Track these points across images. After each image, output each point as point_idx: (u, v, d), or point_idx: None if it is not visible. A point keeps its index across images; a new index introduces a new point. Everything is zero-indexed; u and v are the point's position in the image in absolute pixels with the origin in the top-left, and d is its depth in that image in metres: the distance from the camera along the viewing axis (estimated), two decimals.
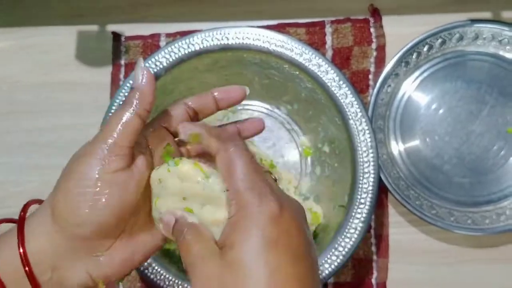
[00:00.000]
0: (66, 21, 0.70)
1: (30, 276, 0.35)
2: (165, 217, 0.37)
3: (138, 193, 0.37)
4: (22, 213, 0.38)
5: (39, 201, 0.40)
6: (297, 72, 0.57)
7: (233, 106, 0.43)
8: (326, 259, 0.53)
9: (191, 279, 0.33)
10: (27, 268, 0.35)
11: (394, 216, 0.65)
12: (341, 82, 0.55)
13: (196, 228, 0.35)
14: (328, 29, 0.67)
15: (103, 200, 0.35)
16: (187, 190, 0.36)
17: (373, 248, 0.64)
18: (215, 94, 0.42)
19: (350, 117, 0.55)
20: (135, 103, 0.36)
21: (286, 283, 0.31)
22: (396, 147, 0.65)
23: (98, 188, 0.35)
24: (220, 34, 0.57)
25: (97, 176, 0.35)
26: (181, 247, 0.35)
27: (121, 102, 0.56)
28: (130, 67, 0.68)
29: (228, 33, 0.56)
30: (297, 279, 0.32)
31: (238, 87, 0.42)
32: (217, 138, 0.36)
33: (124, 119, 0.36)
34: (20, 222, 0.36)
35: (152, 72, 0.56)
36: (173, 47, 0.57)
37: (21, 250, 0.35)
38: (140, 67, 0.37)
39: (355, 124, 0.55)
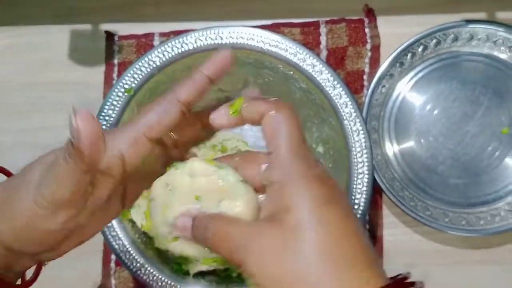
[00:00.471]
0: (59, 20, 0.69)
1: None
2: (179, 221, 0.34)
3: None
4: None
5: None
6: (291, 72, 0.57)
7: (225, 73, 0.37)
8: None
9: (247, 262, 0.30)
10: None
11: (388, 217, 0.65)
12: (335, 82, 0.55)
13: (220, 216, 0.33)
14: (323, 29, 0.67)
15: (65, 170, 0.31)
16: (200, 186, 0.33)
17: None
18: (205, 72, 0.36)
19: (345, 117, 0.54)
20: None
21: (347, 236, 0.30)
22: (391, 148, 0.64)
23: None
24: (214, 33, 0.56)
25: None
26: (213, 241, 0.32)
27: (114, 102, 0.56)
28: (123, 66, 0.67)
29: (222, 33, 0.56)
30: (354, 232, 0.31)
31: (220, 53, 0.36)
32: (262, 102, 0.34)
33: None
34: None
35: (146, 71, 0.56)
36: (166, 46, 0.56)
37: None
38: (72, 121, 0.30)
39: (350, 125, 0.54)
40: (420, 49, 0.64)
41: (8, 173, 0.39)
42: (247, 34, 0.56)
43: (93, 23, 0.69)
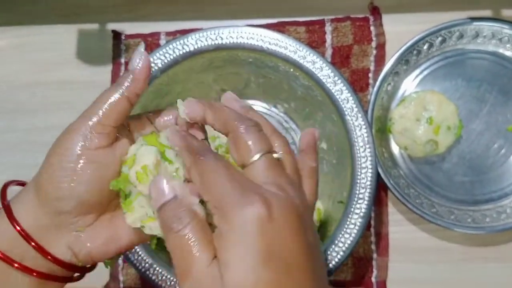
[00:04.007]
0: (66, 20, 0.70)
1: (38, 248, 0.36)
2: (156, 185, 0.34)
3: (119, 172, 0.37)
4: (2, 192, 0.39)
5: (20, 182, 0.41)
6: (292, 70, 0.57)
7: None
8: (326, 255, 0.53)
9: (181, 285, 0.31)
10: (33, 243, 0.36)
11: (394, 215, 0.65)
12: (336, 78, 0.55)
13: (201, 223, 0.32)
14: (328, 28, 0.67)
15: (84, 176, 0.35)
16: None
17: (373, 247, 0.64)
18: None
19: (346, 112, 0.55)
20: (126, 85, 0.37)
21: None
22: (397, 146, 0.64)
23: (79, 164, 0.35)
24: (214, 34, 0.57)
25: (79, 152, 0.35)
26: (173, 242, 0.32)
27: None
28: None
29: (222, 33, 0.57)
30: None
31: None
32: (188, 152, 0.34)
33: (112, 99, 0.36)
34: (5, 205, 0.37)
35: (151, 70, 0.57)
36: (167, 48, 0.57)
37: (19, 228, 0.36)
38: (139, 52, 0.37)
39: (352, 120, 0.54)
40: (425, 47, 0.64)
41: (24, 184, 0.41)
42: (247, 33, 0.57)
43: (100, 23, 0.70)
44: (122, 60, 0.68)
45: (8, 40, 0.71)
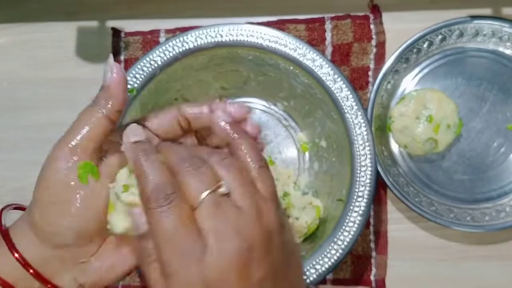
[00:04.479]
0: (65, 17, 0.70)
1: (36, 275, 0.34)
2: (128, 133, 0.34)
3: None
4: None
5: (18, 207, 0.39)
6: (292, 67, 0.57)
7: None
8: (325, 253, 0.53)
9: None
10: (31, 271, 0.34)
11: (393, 213, 0.65)
12: (335, 76, 0.55)
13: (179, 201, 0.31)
14: (328, 26, 0.67)
15: (75, 207, 0.33)
16: None
17: (372, 245, 0.64)
18: (213, 109, 0.37)
19: (346, 110, 0.55)
20: (103, 103, 0.34)
21: None
22: (396, 144, 0.64)
23: (67, 195, 0.33)
24: (214, 31, 0.57)
25: (64, 182, 0.33)
26: (154, 219, 0.31)
27: None
28: (130, 63, 0.68)
29: (222, 30, 0.56)
30: None
31: (239, 107, 0.37)
32: (140, 187, 0.32)
33: (91, 120, 0.34)
34: (3, 230, 0.36)
35: (148, 71, 0.57)
36: (167, 45, 0.57)
37: (17, 255, 0.34)
38: (109, 64, 0.35)
39: (351, 118, 0.55)
40: (425, 45, 0.64)
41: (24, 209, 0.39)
42: (246, 31, 0.56)
43: (100, 20, 0.70)
44: (122, 58, 0.68)
45: (9, 37, 0.71)
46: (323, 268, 0.53)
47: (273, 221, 0.33)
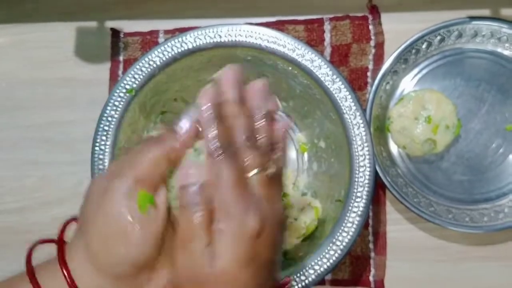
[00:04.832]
0: (64, 17, 0.70)
1: None
2: (183, 169, 0.36)
3: (166, 218, 0.36)
4: (60, 237, 0.38)
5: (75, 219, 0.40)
6: (291, 68, 0.57)
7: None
8: (324, 254, 0.53)
9: (174, 261, 0.36)
10: None
11: (392, 214, 0.65)
12: (334, 77, 0.55)
13: (210, 212, 0.35)
14: (327, 26, 0.67)
15: (135, 237, 0.34)
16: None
17: (371, 246, 0.64)
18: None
19: (345, 111, 0.55)
20: (168, 144, 0.36)
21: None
22: (395, 145, 0.64)
23: (128, 226, 0.34)
24: (213, 32, 0.57)
25: (124, 212, 0.34)
26: (184, 219, 0.35)
27: (116, 103, 0.56)
28: (129, 63, 0.68)
29: (221, 31, 0.56)
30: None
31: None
32: (207, 151, 0.35)
33: (152, 157, 0.36)
34: (61, 249, 0.37)
35: (147, 71, 0.57)
36: (166, 46, 0.57)
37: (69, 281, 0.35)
38: (189, 115, 0.37)
39: (350, 118, 0.54)
40: (424, 46, 0.64)
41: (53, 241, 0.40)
42: (245, 31, 0.56)
43: (99, 20, 0.70)
44: (121, 58, 0.68)
45: (8, 37, 0.71)
46: (322, 269, 0.53)
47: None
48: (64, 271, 0.35)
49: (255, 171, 0.35)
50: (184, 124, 0.37)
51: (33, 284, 0.36)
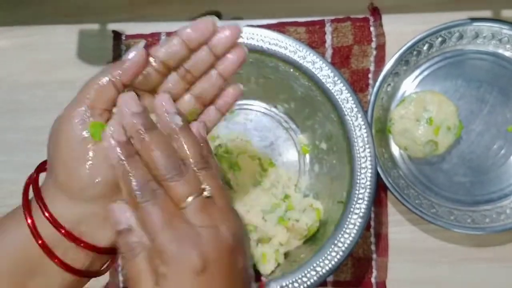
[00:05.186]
0: (66, 20, 0.70)
1: (68, 235, 0.36)
2: (113, 212, 0.36)
3: None
4: (35, 176, 0.39)
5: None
6: (292, 70, 0.57)
7: (206, 43, 0.39)
8: (326, 255, 0.53)
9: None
10: (63, 231, 0.36)
11: (393, 215, 0.65)
12: (335, 79, 0.55)
13: (149, 253, 0.35)
14: (328, 28, 0.67)
15: (96, 157, 0.36)
16: None
17: (373, 247, 0.64)
18: (181, 36, 0.38)
19: (346, 112, 0.55)
20: (114, 72, 0.37)
21: None
22: (397, 146, 0.64)
23: (87, 147, 0.35)
24: None
25: (80, 136, 0.36)
26: (127, 266, 0.35)
27: None
28: None
29: None
30: None
31: (203, 20, 0.38)
32: (128, 193, 0.35)
33: (99, 84, 0.37)
34: (36, 187, 0.38)
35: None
36: None
37: (47, 214, 0.36)
38: (137, 47, 0.37)
39: (351, 120, 0.55)
40: (425, 48, 0.64)
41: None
42: (247, 33, 0.57)
43: (101, 23, 0.70)
44: None
45: (10, 40, 0.71)
46: (324, 270, 0.53)
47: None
48: (40, 202, 0.36)
49: (189, 199, 0.35)
50: (131, 53, 0.37)
51: (26, 217, 0.37)
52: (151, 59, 0.38)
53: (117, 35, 0.69)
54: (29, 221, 0.36)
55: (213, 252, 0.34)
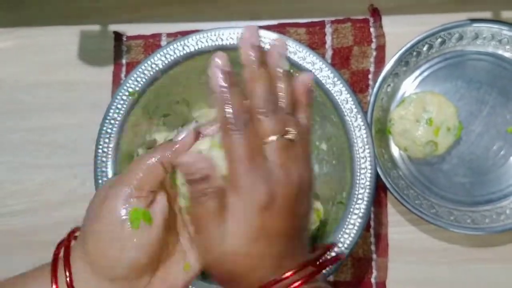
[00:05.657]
0: (67, 21, 0.70)
1: None
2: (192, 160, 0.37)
3: (163, 227, 0.38)
4: (68, 240, 0.39)
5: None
6: (292, 71, 0.57)
7: None
8: (325, 256, 0.53)
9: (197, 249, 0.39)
10: None
11: (393, 215, 0.65)
12: (335, 79, 0.55)
13: (220, 199, 0.36)
14: (328, 29, 0.67)
15: (131, 241, 0.36)
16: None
17: (373, 247, 0.64)
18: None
19: (346, 113, 0.55)
20: (166, 153, 0.38)
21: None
22: (396, 147, 0.65)
23: (123, 232, 0.36)
24: (215, 35, 0.57)
25: (121, 220, 0.36)
26: (197, 209, 0.36)
27: (118, 105, 0.57)
28: (132, 66, 0.68)
29: (223, 34, 0.57)
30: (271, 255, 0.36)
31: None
32: (221, 121, 0.36)
33: (148, 165, 0.37)
34: (66, 251, 0.38)
35: (150, 74, 0.57)
36: (168, 49, 0.57)
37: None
38: (189, 129, 0.39)
39: (351, 121, 0.55)
40: (425, 48, 0.64)
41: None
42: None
43: (102, 24, 0.70)
44: (123, 61, 0.69)
45: (11, 41, 0.71)
46: (323, 271, 0.53)
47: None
48: (67, 272, 0.37)
49: (273, 137, 0.36)
50: (181, 135, 0.38)
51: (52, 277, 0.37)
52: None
53: (118, 36, 0.69)
54: None
55: (280, 192, 0.35)
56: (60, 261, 0.38)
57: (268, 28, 0.65)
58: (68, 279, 0.36)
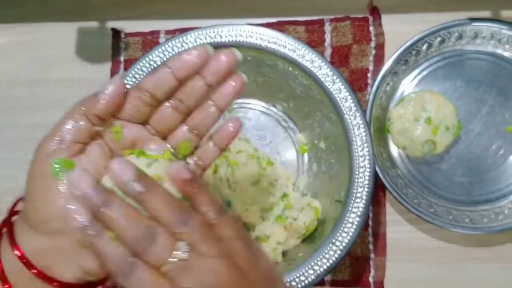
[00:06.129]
0: (65, 18, 0.70)
1: (40, 274, 0.35)
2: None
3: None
4: (12, 211, 0.39)
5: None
6: (291, 69, 0.57)
7: (194, 75, 0.37)
8: (324, 254, 0.53)
9: None
10: (34, 270, 0.35)
11: (391, 215, 0.65)
12: (334, 77, 0.55)
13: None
14: (327, 27, 0.67)
15: (58, 192, 0.35)
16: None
17: (371, 246, 0.64)
18: (169, 65, 0.37)
19: (345, 111, 0.55)
20: (86, 104, 0.37)
21: None
22: (395, 146, 0.64)
23: (50, 183, 0.35)
24: (213, 32, 0.57)
25: (47, 170, 0.36)
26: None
27: None
28: (130, 63, 0.68)
29: (221, 31, 0.57)
30: None
31: (194, 49, 0.36)
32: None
33: (71, 118, 0.37)
34: (9, 227, 0.37)
35: (148, 71, 0.57)
36: (167, 46, 0.57)
37: (19, 253, 0.35)
38: (116, 79, 0.37)
39: (350, 119, 0.55)
40: (424, 47, 0.64)
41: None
42: (246, 32, 0.57)
43: (100, 21, 0.70)
44: (121, 58, 0.69)
45: (9, 37, 0.71)
46: (322, 269, 0.53)
47: (245, 256, 0.35)
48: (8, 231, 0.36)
49: (167, 264, 0.32)
50: (107, 87, 0.36)
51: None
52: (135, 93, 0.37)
53: (116, 33, 0.69)
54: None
55: None
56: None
57: (267, 25, 0.65)
58: (9, 240, 0.36)
